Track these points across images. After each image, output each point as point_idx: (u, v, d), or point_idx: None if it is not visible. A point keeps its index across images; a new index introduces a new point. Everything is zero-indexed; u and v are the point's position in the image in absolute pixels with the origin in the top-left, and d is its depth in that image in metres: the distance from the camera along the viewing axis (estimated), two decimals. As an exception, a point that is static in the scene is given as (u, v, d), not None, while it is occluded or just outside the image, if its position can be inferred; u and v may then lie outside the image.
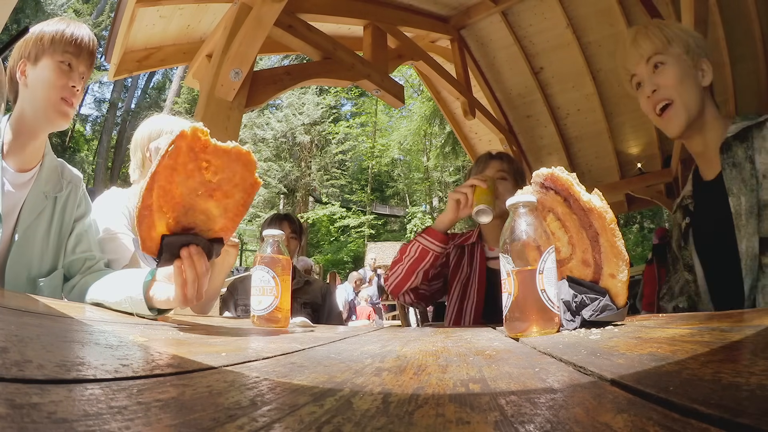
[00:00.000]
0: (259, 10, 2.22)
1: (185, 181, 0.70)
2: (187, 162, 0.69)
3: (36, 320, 0.54)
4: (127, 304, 0.87)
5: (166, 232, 0.74)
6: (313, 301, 2.17)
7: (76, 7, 18.00)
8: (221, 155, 0.71)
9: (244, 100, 2.36)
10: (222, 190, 0.74)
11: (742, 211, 0.97)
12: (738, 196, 0.98)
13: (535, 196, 0.73)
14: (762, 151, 0.97)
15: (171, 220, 0.73)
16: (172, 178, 0.69)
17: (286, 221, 2.18)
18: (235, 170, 0.74)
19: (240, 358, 0.43)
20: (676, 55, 1.06)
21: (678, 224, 1.18)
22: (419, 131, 18.11)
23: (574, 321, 0.70)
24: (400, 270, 1.44)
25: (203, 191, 0.73)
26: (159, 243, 0.74)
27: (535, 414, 0.25)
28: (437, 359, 0.47)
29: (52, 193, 1.10)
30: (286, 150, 18.63)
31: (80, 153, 19.12)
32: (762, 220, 0.94)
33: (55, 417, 0.20)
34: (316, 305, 2.17)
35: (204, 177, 0.71)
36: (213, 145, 0.70)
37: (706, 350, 0.38)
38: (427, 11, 3.82)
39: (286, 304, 0.94)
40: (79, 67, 1.06)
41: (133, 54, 2.86)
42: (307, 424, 0.23)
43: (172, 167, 0.68)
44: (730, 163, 1.00)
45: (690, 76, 1.06)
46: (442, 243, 1.40)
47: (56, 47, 1.03)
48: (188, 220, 0.75)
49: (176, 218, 0.74)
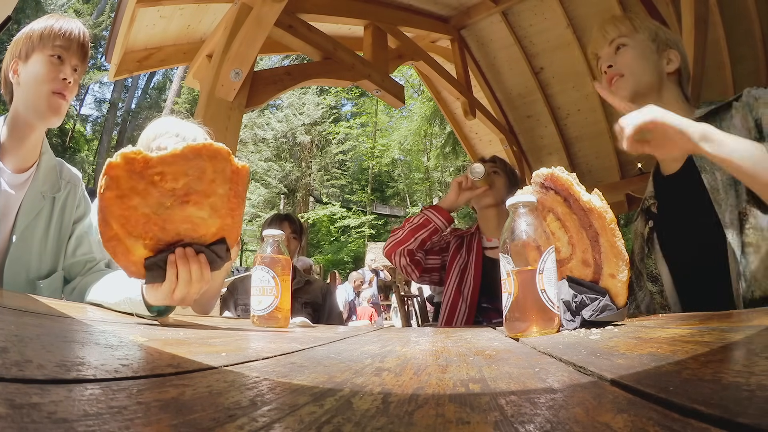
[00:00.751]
0: (259, 10, 2.22)
1: (143, 201, 0.68)
2: (135, 184, 0.66)
3: (36, 320, 0.54)
4: (126, 305, 0.86)
5: (147, 253, 0.72)
6: (314, 301, 2.16)
7: (76, 7, 18.00)
8: (172, 161, 0.68)
9: (244, 101, 2.36)
10: (197, 193, 0.71)
11: (718, 185, 0.94)
12: (711, 172, 0.95)
13: (535, 196, 0.73)
14: (731, 128, 0.94)
15: (149, 241, 0.71)
16: (126, 205, 0.67)
17: (286, 221, 2.18)
18: (200, 167, 0.70)
19: (240, 358, 0.43)
20: (640, 40, 1.09)
21: (640, 234, 1.14)
22: (419, 131, 18.10)
23: (574, 321, 0.70)
24: (400, 233, 1.59)
25: (172, 202, 0.69)
26: (142, 265, 0.72)
27: (535, 414, 0.25)
28: (437, 359, 0.47)
29: (50, 194, 1.09)
30: (286, 150, 18.62)
31: (80, 153, 19.12)
32: (738, 194, 0.91)
33: (55, 417, 0.20)
34: (317, 305, 2.17)
35: (164, 188, 0.68)
36: (156, 157, 0.67)
37: (706, 350, 0.38)
38: (428, 11, 3.82)
39: (286, 304, 0.94)
40: (71, 60, 1.05)
41: (134, 54, 2.87)
42: (307, 424, 0.23)
43: (118, 196, 0.66)
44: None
45: (648, 59, 1.07)
46: (445, 219, 1.56)
47: (45, 42, 1.02)
48: (170, 235, 0.73)
49: (154, 238, 0.72)
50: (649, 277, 1.10)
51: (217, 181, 0.71)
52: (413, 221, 1.58)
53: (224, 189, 0.73)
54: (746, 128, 0.92)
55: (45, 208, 1.08)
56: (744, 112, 0.94)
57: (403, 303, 4.75)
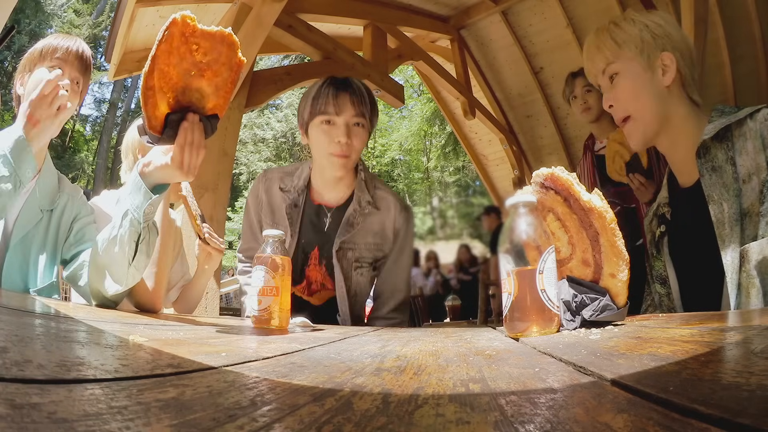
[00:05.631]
0: (259, 10, 2.22)
1: (179, 63, 0.78)
2: (180, 45, 0.77)
3: (36, 320, 0.54)
4: (126, 224, 0.89)
5: (167, 110, 0.82)
6: (377, 242, 1.34)
7: (76, 7, 17.98)
8: (208, 38, 0.79)
9: (244, 100, 2.36)
10: (212, 70, 0.82)
11: (725, 219, 0.88)
12: (719, 202, 0.89)
13: (535, 196, 0.73)
14: (743, 153, 0.89)
15: (171, 99, 0.81)
16: (169, 61, 0.77)
17: (347, 94, 1.24)
18: (221, 51, 0.82)
19: (240, 358, 0.43)
20: (628, 60, 1.00)
21: (652, 232, 1.10)
22: (419, 132, 18.10)
23: (574, 321, 0.69)
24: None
25: (195, 71, 0.81)
26: (163, 121, 0.82)
27: (535, 414, 0.25)
28: (437, 359, 0.47)
29: (47, 208, 1.10)
30: (286, 150, 18.61)
31: (80, 153, 19.10)
32: (744, 230, 0.86)
33: (55, 417, 0.20)
34: (378, 248, 1.34)
35: (195, 58, 0.79)
36: (200, 30, 0.78)
37: (706, 350, 0.38)
38: (427, 11, 3.82)
39: (286, 304, 0.94)
40: (70, 72, 1.08)
41: (133, 54, 2.86)
42: (307, 424, 0.23)
43: (167, 51, 0.76)
44: (708, 168, 0.92)
45: (645, 87, 0.99)
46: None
47: (45, 56, 1.08)
48: (185, 98, 0.83)
49: (175, 97, 0.82)
50: (658, 279, 1.09)
51: (226, 65, 0.83)
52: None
53: (228, 74, 0.84)
54: (756, 161, 0.87)
55: (42, 222, 1.09)
56: (756, 143, 0.88)
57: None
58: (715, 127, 0.92)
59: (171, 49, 0.77)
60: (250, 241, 1.41)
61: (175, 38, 0.76)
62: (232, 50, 0.83)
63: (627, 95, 1.00)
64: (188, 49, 0.79)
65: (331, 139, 1.22)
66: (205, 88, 0.84)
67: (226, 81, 0.86)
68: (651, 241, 1.11)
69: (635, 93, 1.00)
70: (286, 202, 1.33)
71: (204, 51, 0.80)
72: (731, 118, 0.92)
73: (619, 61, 1.01)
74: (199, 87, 0.84)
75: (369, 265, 1.34)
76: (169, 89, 0.80)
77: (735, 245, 0.86)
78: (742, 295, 0.85)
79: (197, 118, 0.85)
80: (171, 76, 0.79)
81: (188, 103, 0.85)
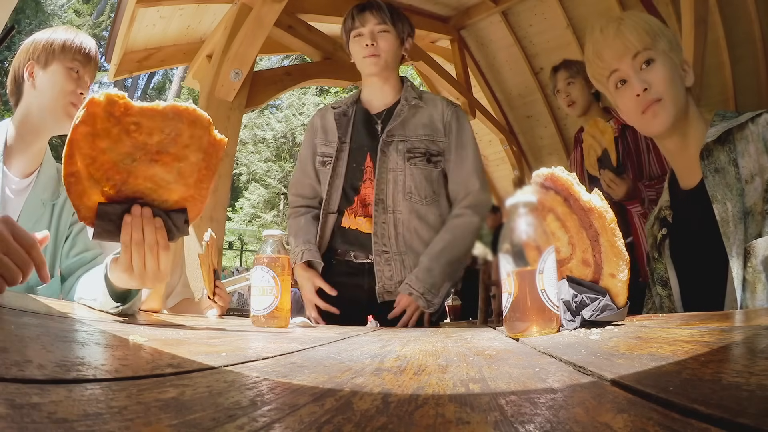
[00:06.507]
0: (259, 10, 2.22)
1: (114, 146, 0.65)
2: (110, 127, 0.64)
3: (36, 320, 0.55)
4: (101, 298, 0.79)
5: (102, 200, 0.69)
6: (428, 133, 1.41)
7: (76, 7, 17.99)
8: (152, 115, 0.66)
9: (244, 101, 2.37)
10: (169, 154, 0.68)
11: (729, 217, 0.90)
12: (723, 202, 0.91)
13: (535, 196, 0.73)
14: (745, 155, 0.91)
15: (108, 189, 0.68)
16: (96, 145, 0.64)
17: (367, 9, 1.46)
18: (178, 129, 0.67)
19: (240, 358, 0.43)
20: (662, 51, 1.01)
21: (653, 236, 1.11)
22: (419, 131, 18.08)
23: (574, 321, 0.70)
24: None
25: (141, 155, 0.67)
26: (95, 211, 0.68)
27: (535, 414, 0.25)
28: (437, 359, 0.47)
29: (49, 201, 1.10)
30: (286, 150, 18.61)
31: (80, 153, 19.11)
32: (747, 228, 0.88)
33: (55, 417, 0.20)
34: (430, 138, 1.40)
35: (137, 140, 0.66)
36: (137, 107, 0.65)
37: (706, 350, 0.38)
38: (427, 11, 3.82)
39: (286, 304, 0.94)
40: (85, 75, 1.11)
41: (133, 54, 2.87)
42: (307, 424, 0.23)
43: (90, 134, 0.64)
44: (712, 169, 0.94)
45: (678, 76, 1.01)
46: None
47: (66, 54, 1.08)
48: (130, 189, 0.69)
49: (115, 186, 0.68)
50: (659, 281, 1.10)
51: (192, 147, 0.69)
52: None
53: (197, 157, 0.70)
54: (759, 162, 0.90)
55: (45, 215, 1.09)
56: (759, 145, 0.90)
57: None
58: (718, 130, 0.94)
59: (96, 132, 0.64)
60: (298, 174, 1.55)
61: (99, 119, 0.64)
62: (198, 128, 0.68)
63: (666, 80, 1.00)
64: (123, 129, 0.65)
65: (362, 45, 1.44)
66: (162, 176, 0.69)
67: (195, 167, 0.70)
68: (652, 244, 1.12)
69: (672, 79, 1.01)
70: (338, 115, 1.49)
71: (148, 130, 0.66)
72: (733, 122, 0.94)
73: (655, 49, 1.02)
74: (151, 175, 0.69)
75: (423, 155, 1.39)
76: (103, 177, 0.67)
77: (739, 242, 0.88)
78: (747, 290, 0.86)
79: (148, 211, 0.70)
80: (101, 162, 0.66)
81: (136, 195, 0.70)
